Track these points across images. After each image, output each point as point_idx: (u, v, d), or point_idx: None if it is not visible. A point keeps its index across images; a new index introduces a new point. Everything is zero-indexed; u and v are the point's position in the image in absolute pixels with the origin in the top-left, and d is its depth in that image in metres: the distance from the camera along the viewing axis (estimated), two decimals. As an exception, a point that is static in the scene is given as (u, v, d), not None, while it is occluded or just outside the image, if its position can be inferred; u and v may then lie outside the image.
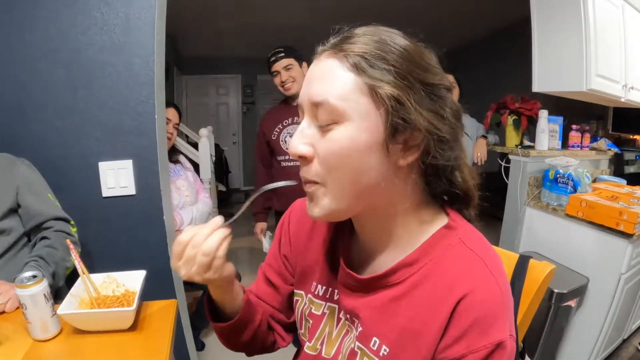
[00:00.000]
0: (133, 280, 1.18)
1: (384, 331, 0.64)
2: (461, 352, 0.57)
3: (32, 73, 1.49)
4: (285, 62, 2.27)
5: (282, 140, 2.35)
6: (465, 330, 0.57)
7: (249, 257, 4.22)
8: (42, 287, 0.98)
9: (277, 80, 2.31)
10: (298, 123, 2.41)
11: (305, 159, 0.63)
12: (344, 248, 0.75)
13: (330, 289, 0.77)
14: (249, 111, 7.52)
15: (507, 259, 0.98)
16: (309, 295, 0.80)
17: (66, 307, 1.02)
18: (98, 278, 1.16)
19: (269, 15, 4.84)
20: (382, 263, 0.69)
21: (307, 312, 0.79)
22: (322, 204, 0.63)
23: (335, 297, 0.75)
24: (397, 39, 0.61)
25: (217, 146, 5.18)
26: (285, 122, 2.36)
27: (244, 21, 5.05)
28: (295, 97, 2.33)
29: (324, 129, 0.60)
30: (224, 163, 5.98)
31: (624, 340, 2.50)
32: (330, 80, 0.59)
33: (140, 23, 1.52)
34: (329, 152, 0.59)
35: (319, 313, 0.78)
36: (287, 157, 2.37)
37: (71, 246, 1.09)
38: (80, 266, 1.10)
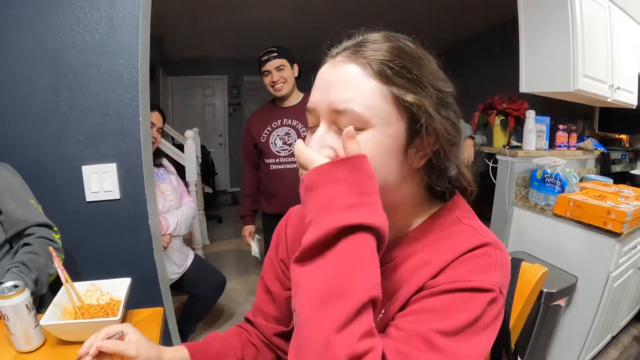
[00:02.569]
0: (117, 288, 1.14)
1: (383, 301, 0.65)
2: (445, 281, 0.59)
3: (14, 74, 1.44)
4: (277, 62, 2.24)
5: (271, 143, 2.32)
6: (456, 269, 0.60)
7: (235, 261, 4.17)
8: (24, 297, 0.95)
9: (267, 80, 2.27)
10: (288, 125, 2.38)
11: None
12: None
13: None
14: (235, 112, 7.48)
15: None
16: None
17: (49, 317, 0.99)
18: (82, 286, 1.13)
19: (254, 15, 4.81)
20: None
21: None
22: None
23: None
24: (413, 47, 0.64)
25: (203, 148, 5.15)
26: (275, 124, 2.33)
27: (230, 22, 5.01)
28: (285, 98, 2.31)
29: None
30: (210, 165, 5.93)
31: (613, 337, 2.52)
32: (353, 87, 0.60)
33: (124, 23, 1.48)
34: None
35: None
36: (277, 160, 2.34)
37: (54, 254, 1.06)
38: (63, 274, 1.06)
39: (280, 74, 2.24)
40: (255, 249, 2.56)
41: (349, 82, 0.60)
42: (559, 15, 2.25)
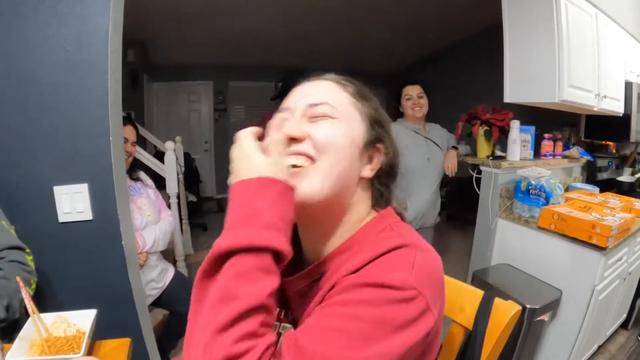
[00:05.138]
0: (84, 319, 1.12)
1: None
2: (355, 277, 0.61)
3: (-19, 93, 1.40)
4: None
5: None
6: (370, 268, 0.63)
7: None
8: (-11, 333, 0.92)
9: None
10: None
11: (296, 140, 0.69)
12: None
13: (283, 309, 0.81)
14: (220, 118, 7.42)
15: (472, 296, 0.95)
16: None
17: (16, 353, 0.97)
18: (48, 318, 1.11)
19: (239, 21, 4.79)
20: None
21: None
22: (310, 184, 0.68)
23: (289, 317, 0.79)
24: (369, 92, 0.81)
25: (187, 155, 5.09)
26: None
27: (215, 27, 4.98)
28: None
29: (317, 119, 0.71)
30: (195, 172, 5.87)
31: (600, 347, 2.52)
32: (332, 92, 0.75)
33: (94, 40, 1.43)
34: (322, 134, 0.69)
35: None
36: None
37: (21, 284, 1.03)
38: (30, 305, 1.04)
39: None
40: None
41: (328, 89, 0.76)
42: (544, 24, 2.24)
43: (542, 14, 2.24)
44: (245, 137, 0.66)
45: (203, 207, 6.20)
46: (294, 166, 0.68)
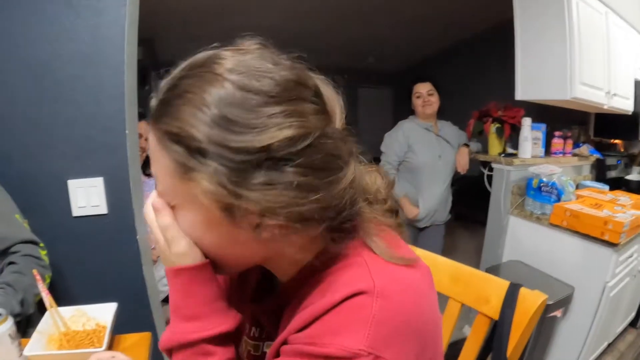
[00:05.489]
0: (104, 313, 1.09)
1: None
2: (302, 340, 0.51)
3: (-4, 85, 1.39)
4: None
5: None
6: (320, 325, 0.50)
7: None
8: (7, 326, 0.90)
9: None
10: None
11: None
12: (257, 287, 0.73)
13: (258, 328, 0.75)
14: (227, 115, 7.38)
15: (498, 287, 0.94)
16: (244, 338, 0.75)
17: (33, 347, 0.94)
18: (67, 311, 1.08)
19: (246, 18, 4.77)
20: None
21: (245, 354, 0.75)
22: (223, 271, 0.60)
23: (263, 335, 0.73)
24: (208, 91, 0.48)
25: (195, 152, 5.05)
26: None
27: (223, 24, 4.95)
28: None
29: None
30: (202, 170, 5.86)
31: (609, 344, 2.51)
32: (155, 163, 0.52)
33: (110, 33, 1.43)
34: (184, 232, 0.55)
35: (259, 353, 0.73)
36: None
37: (38, 277, 1.01)
38: (47, 299, 1.02)
39: None
40: None
41: (152, 155, 0.53)
42: (555, 22, 2.23)
43: (554, 12, 2.23)
44: (148, 215, 0.56)
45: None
46: None
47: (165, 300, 2.17)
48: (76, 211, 1.51)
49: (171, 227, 0.52)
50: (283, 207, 0.47)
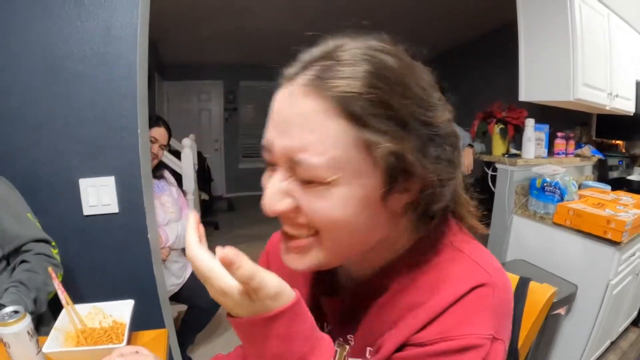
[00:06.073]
0: (120, 310, 1.11)
1: (373, 339, 0.60)
2: (431, 338, 0.52)
3: (7, 84, 1.40)
4: None
5: None
6: (445, 321, 0.52)
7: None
8: (25, 323, 0.91)
9: None
10: None
11: (287, 216, 0.53)
12: (326, 280, 0.71)
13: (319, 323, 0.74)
14: (231, 117, 7.40)
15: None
16: None
17: (52, 343, 0.95)
18: (83, 309, 1.09)
19: (251, 21, 4.78)
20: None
21: None
22: (315, 259, 0.55)
23: (326, 330, 0.70)
24: (396, 68, 0.50)
25: (199, 154, 5.08)
26: None
27: (226, 26, 4.98)
28: None
29: (306, 184, 0.50)
30: (207, 171, 5.86)
31: (612, 343, 2.53)
32: (313, 130, 0.48)
33: (122, 33, 1.45)
34: (316, 213, 0.50)
35: None
36: None
37: (53, 275, 1.02)
38: (63, 296, 1.03)
39: None
40: None
41: (307, 123, 0.48)
42: (558, 23, 2.25)
43: (557, 14, 2.26)
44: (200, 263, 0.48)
45: (214, 207, 6.20)
46: (291, 236, 0.55)
47: (170, 299, 2.19)
48: (87, 210, 1.52)
49: (257, 271, 0.45)
50: (443, 181, 0.53)
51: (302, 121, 0.49)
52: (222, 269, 0.46)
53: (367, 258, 0.61)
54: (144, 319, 1.20)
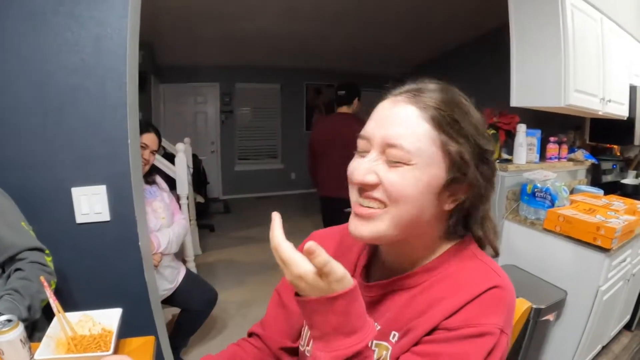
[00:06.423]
0: (110, 318, 1.14)
1: (400, 325, 0.73)
2: (457, 324, 0.66)
3: (0, 95, 1.42)
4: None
5: None
6: (469, 311, 0.67)
7: (227, 271, 4.11)
8: (18, 332, 0.95)
9: None
10: None
11: (369, 186, 0.69)
12: (363, 268, 0.86)
13: None
14: (227, 120, 7.40)
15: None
16: None
17: (44, 351, 0.98)
18: (74, 317, 1.12)
19: (246, 22, 4.79)
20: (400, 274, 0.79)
21: None
22: (378, 227, 0.70)
23: None
24: (464, 102, 0.73)
25: (195, 157, 5.07)
26: None
27: (222, 29, 4.99)
28: None
29: (392, 164, 0.68)
30: (202, 173, 5.86)
31: (604, 347, 2.55)
32: (408, 126, 0.69)
33: (112, 44, 1.46)
34: (394, 185, 0.67)
35: None
36: None
37: (45, 284, 1.05)
38: (55, 304, 1.06)
39: None
40: None
41: (405, 120, 0.69)
42: (550, 29, 2.26)
43: (549, 20, 2.26)
44: (284, 252, 0.61)
45: (210, 209, 6.20)
46: (364, 206, 0.71)
47: (163, 302, 2.21)
48: (80, 218, 1.54)
49: (330, 260, 0.58)
50: (482, 196, 0.74)
51: (401, 120, 0.70)
52: (300, 257, 0.59)
53: (406, 252, 0.77)
54: (136, 326, 1.22)
